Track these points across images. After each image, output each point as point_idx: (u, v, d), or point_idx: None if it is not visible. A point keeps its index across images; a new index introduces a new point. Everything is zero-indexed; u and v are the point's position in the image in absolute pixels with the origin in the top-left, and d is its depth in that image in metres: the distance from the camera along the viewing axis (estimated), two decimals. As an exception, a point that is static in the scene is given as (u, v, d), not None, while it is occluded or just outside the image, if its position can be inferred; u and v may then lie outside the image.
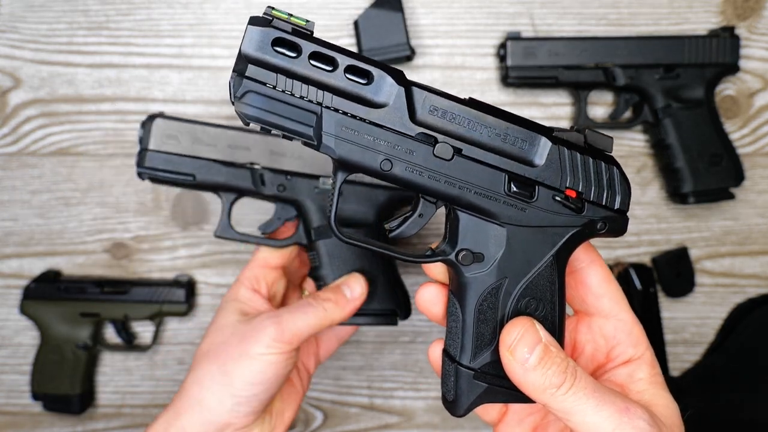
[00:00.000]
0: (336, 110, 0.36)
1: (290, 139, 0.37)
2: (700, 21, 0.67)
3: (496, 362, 0.38)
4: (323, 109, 0.36)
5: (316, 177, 0.53)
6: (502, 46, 0.65)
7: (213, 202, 0.68)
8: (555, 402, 0.35)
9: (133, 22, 0.67)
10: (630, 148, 0.68)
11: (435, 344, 0.41)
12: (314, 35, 0.36)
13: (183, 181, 0.52)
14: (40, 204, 0.68)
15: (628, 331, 0.41)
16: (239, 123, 0.58)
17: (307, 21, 0.36)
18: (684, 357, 0.69)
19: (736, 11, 0.67)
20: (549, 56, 0.64)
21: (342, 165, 0.37)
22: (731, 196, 0.66)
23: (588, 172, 0.37)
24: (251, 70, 0.35)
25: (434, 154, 0.36)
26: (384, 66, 0.36)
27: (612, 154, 0.38)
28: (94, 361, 0.68)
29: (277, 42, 0.35)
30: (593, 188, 0.37)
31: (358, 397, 0.69)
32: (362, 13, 0.64)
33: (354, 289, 0.51)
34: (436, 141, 0.37)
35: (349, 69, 0.36)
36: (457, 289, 0.39)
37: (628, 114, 0.68)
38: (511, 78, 0.64)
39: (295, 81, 0.35)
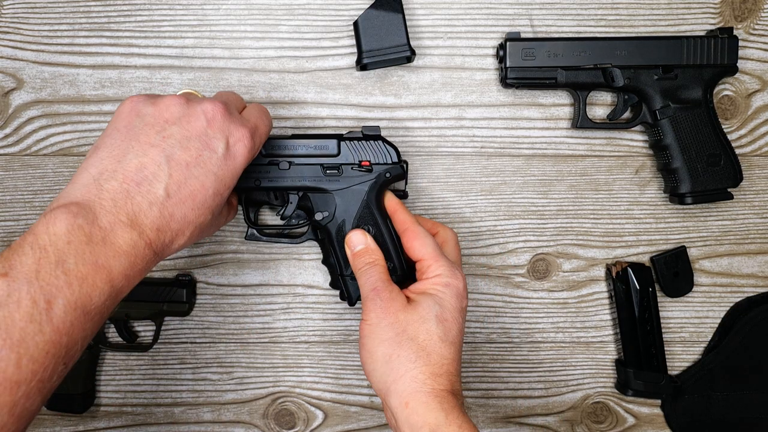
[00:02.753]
0: None
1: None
2: (698, 22, 0.68)
3: None
4: None
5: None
6: (501, 47, 0.65)
7: (214, 202, 0.68)
8: (360, 275, 0.57)
9: (134, 24, 0.67)
10: (629, 148, 0.69)
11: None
12: None
13: None
14: (42, 204, 0.68)
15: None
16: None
17: None
18: (682, 356, 0.70)
19: (734, 12, 0.68)
20: (548, 57, 0.64)
21: (237, 189, 0.60)
22: (729, 197, 0.66)
23: (367, 149, 0.61)
24: None
25: (279, 168, 0.60)
26: None
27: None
28: (96, 360, 0.69)
29: None
30: (374, 156, 0.61)
31: (358, 396, 0.70)
32: (362, 14, 0.64)
33: None
34: (278, 161, 0.60)
35: None
36: (326, 235, 0.62)
37: (627, 114, 0.68)
38: (510, 79, 0.65)
39: None
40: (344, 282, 0.62)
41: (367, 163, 0.60)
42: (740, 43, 0.66)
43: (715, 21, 0.68)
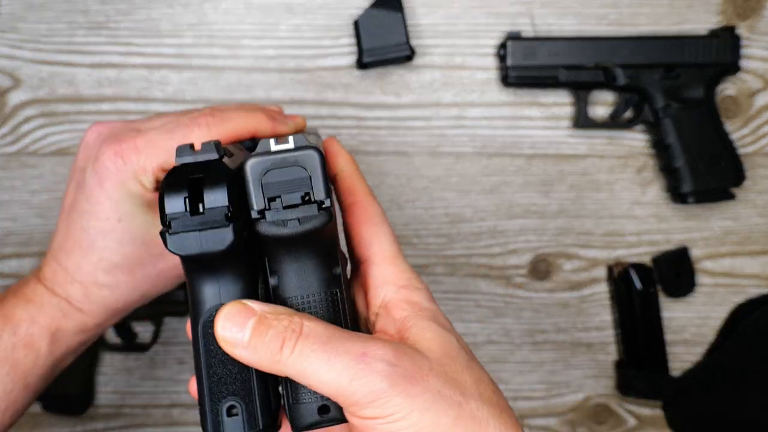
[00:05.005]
0: None
1: None
2: (701, 21, 0.67)
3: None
4: None
5: None
6: (502, 46, 0.65)
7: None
8: (287, 368, 0.30)
9: (132, 22, 0.67)
10: (630, 148, 0.68)
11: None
12: None
13: None
14: (39, 204, 0.68)
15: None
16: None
17: None
18: (684, 357, 0.69)
19: (736, 11, 0.67)
20: (549, 56, 0.64)
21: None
22: (731, 196, 0.66)
23: None
24: None
25: None
26: None
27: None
28: (94, 361, 0.68)
29: None
30: None
31: (358, 398, 0.69)
32: (362, 13, 0.64)
33: None
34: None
35: None
36: None
37: (628, 114, 0.68)
38: (511, 78, 0.64)
39: None
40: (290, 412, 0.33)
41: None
42: (743, 42, 0.66)
43: (717, 19, 0.67)
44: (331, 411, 0.32)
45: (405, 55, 0.64)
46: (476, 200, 0.68)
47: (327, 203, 0.31)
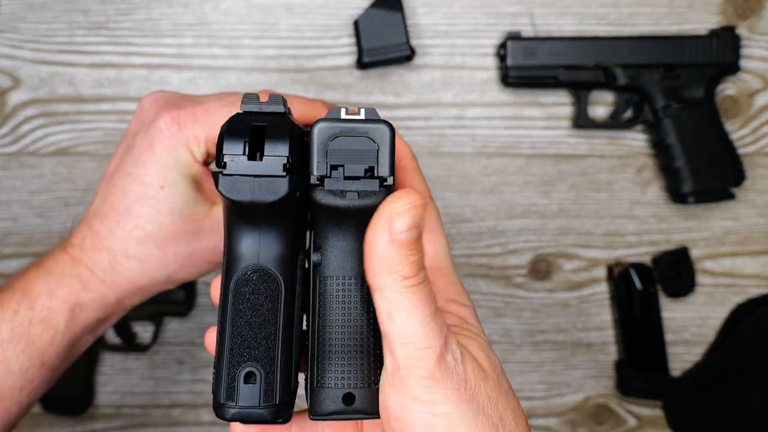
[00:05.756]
0: None
1: None
2: (701, 21, 0.67)
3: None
4: None
5: None
6: (502, 45, 0.65)
7: (213, 202, 0.68)
8: (390, 290, 0.28)
9: (132, 22, 0.67)
10: (630, 148, 0.68)
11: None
12: None
13: None
14: (39, 204, 0.68)
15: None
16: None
17: None
18: (684, 357, 0.69)
19: (736, 11, 0.67)
20: (549, 56, 0.64)
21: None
22: (732, 196, 0.66)
23: None
24: None
25: None
26: None
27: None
28: (94, 361, 0.68)
29: None
30: None
31: (358, 398, 0.69)
32: (362, 13, 0.64)
33: None
34: None
35: None
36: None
37: (628, 114, 0.68)
38: (511, 78, 0.64)
39: None
40: (313, 394, 0.31)
41: None
42: (743, 42, 0.66)
43: (717, 20, 0.67)
44: (356, 401, 0.30)
45: (405, 55, 0.64)
46: (476, 200, 0.68)
47: (390, 181, 0.30)
